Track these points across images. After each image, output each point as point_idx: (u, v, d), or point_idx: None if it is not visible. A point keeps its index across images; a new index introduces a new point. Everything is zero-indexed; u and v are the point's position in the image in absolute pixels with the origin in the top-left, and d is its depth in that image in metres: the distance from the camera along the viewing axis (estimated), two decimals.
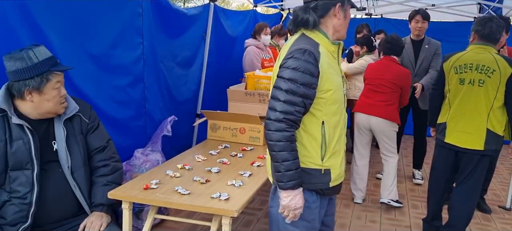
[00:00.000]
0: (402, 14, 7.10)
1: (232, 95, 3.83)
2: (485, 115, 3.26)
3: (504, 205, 4.60)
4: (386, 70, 4.28)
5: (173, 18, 4.32)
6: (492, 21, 3.27)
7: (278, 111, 1.90)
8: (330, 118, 2.00)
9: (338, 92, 2.01)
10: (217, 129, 3.60)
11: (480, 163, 3.35)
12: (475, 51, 3.32)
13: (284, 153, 1.90)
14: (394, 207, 4.37)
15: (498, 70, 3.19)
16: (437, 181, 3.67)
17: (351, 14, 2.19)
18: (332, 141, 2.02)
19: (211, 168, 2.89)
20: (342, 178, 2.16)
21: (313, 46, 1.94)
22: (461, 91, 3.33)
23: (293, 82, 1.88)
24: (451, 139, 3.41)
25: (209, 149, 3.38)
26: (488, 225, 4.16)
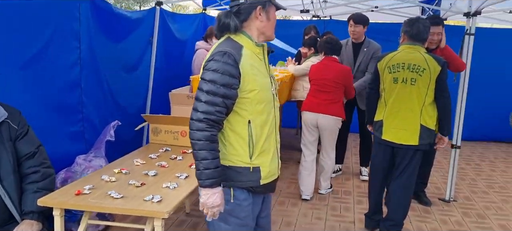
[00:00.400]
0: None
1: (174, 99, 3.83)
2: (418, 112, 3.42)
3: (444, 197, 4.81)
4: (329, 70, 4.48)
5: (115, 22, 4.27)
6: (419, 22, 3.43)
7: (199, 111, 1.95)
8: (256, 117, 2.05)
9: (263, 92, 2.06)
10: (158, 133, 3.59)
11: (414, 158, 3.51)
12: (406, 51, 3.48)
13: (203, 152, 1.95)
14: (340, 204, 4.51)
15: (428, 68, 3.35)
16: (376, 176, 3.81)
17: (298, 16, 2.29)
18: (259, 140, 2.07)
19: (149, 171, 2.89)
20: (274, 176, 2.20)
21: (235, 49, 2.01)
22: (395, 90, 3.48)
23: (213, 83, 1.94)
24: (387, 135, 3.55)
25: (150, 152, 3.38)
26: (427, 217, 4.33)
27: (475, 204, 4.71)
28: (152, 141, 3.66)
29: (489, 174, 5.86)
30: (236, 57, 1.97)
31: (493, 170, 6.05)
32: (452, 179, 4.75)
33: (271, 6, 2.09)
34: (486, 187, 5.31)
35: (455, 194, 4.90)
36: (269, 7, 2.08)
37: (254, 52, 2.07)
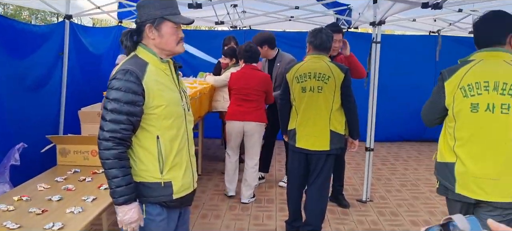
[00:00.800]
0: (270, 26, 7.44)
1: (84, 117, 3.67)
2: (327, 118, 3.55)
3: (361, 198, 5.02)
4: (251, 78, 4.64)
5: (18, 37, 4.02)
6: (322, 32, 3.59)
7: (105, 131, 1.98)
8: (165, 132, 2.07)
9: (171, 107, 2.09)
10: (67, 154, 3.41)
11: (327, 162, 3.65)
12: (312, 60, 3.61)
13: (114, 170, 1.98)
14: (263, 212, 4.56)
15: (332, 76, 3.51)
16: (292, 183, 3.89)
17: (222, 27, 2.31)
18: (170, 154, 2.09)
19: (53, 196, 2.72)
20: (188, 190, 2.21)
21: (139, 66, 2.03)
22: (304, 98, 3.60)
23: (117, 102, 1.96)
24: (301, 143, 3.66)
25: (57, 175, 3.18)
26: (345, 218, 4.50)
27: (390, 203, 4.97)
28: (60, 163, 3.46)
29: (402, 172, 6.21)
30: (138, 74, 1.99)
31: (406, 168, 6.43)
32: (367, 181, 4.97)
33: (163, 21, 2.07)
34: (399, 185, 5.63)
35: (372, 194, 5.14)
36: (160, 24, 2.07)
37: (159, 68, 2.10)
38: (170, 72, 2.15)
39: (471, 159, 2.37)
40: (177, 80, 2.20)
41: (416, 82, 7.70)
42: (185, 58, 7.49)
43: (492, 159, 2.32)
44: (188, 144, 2.21)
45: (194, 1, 3.66)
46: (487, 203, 2.35)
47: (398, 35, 8.85)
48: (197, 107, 4.95)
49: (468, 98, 2.36)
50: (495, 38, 2.38)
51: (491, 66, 2.36)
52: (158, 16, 2.05)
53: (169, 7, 2.08)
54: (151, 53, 2.09)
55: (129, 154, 2.07)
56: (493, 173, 2.32)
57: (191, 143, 2.25)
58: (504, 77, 2.29)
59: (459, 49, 7.49)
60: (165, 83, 2.09)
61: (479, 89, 2.33)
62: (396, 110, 7.70)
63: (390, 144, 7.95)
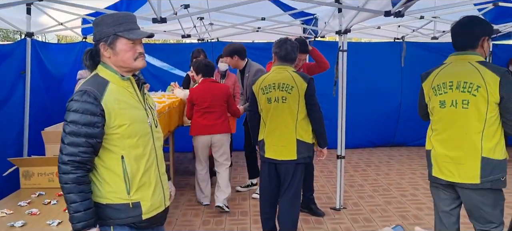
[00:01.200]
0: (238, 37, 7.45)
1: (48, 137, 3.55)
2: (293, 128, 3.56)
3: (335, 206, 5.04)
4: (211, 91, 4.77)
5: None
6: (287, 43, 3.62)
7: (64, 154, 1.92)
8: (130, 151, 2.01)
9: (136, 125, 2.03)
10: (30, 176, 3.28)
11: (296, 172, 3.65)
12: (276, 71, 3.63)
13: (72, 195, 1.92)
14: (237, 225, 4.52)
15: (296, 86, 3.52)
16: (264, 193, 3.88)
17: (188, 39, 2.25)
18: (136, 174, 2.04)
19: (15, 222, 2.60)
20: (158, 209, 2.15)
21: (99, 85, 1.98)
22: (270, 109, 3.62)
23: (74, 124, 1.91)
24: (269, 153, 3.67)
25: (21, 199, 3.05)
26: (320, 227, 4.50)
27: (363, 209, 5.01)
28: (24, 186, 3.32)
29: (374, 178, 6.29)
30: (96, 94, 1.94)
31: (378, 173, 6.51)
32: (340, 188, 4.99)
33: (117, 39, 2.02)
34: (372, 191, 5.69)
35: (345, 201, 5.17)
36: (114, 41, 2.02)
37: (121, 85, 2.05)
38: (133, 89, 2.09)
39: (441, 147, 2.78)
40: (142, 97, 2.14)
41: (384, 88, 7.85)
42: (153, 72, 7.41)
43: (458, 147, 2.70)
44: (157, 161, 2.15)
45: (159, 16, 3.60)
46: (457, 184, 2.73)
47: (364, 43, 9.02)
48: (166, 122, 4.88)
49: (437, 97, 2.80)
50: (468, 42, 2.71)
51: (457, 68, 2.72)
52: (111, 33, 2.01)
53: (123, 23, 2.03)
54: (112, 71, 2.04)
55: (94, 175, 2.01)
56: (458, 158, 2.69)
57: (160, 160, 2.18)
58: (465, 77, 2.64)
59: (423, 55, 7.77)
60: (127, 101, 2.03)
61: (445, 88, 2.74)
62: (366, 116, 7.82)
63: (362, 150, 8.04)
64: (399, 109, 7.97)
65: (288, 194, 3.68)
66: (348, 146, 7.66)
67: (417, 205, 5.10)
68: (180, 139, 6.62)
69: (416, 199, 5.33)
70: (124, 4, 5.40)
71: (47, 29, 5.40)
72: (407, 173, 6.51)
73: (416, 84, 7.85)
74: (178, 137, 6.31)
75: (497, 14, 5.80)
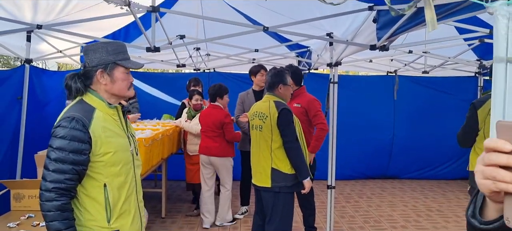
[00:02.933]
0: (234, 68, 7.61)
1: (40, 161, 3.61)
2: (268, 156, 3.62)
3: None
4: (210, 117, 5.02)
5: None
6: (271, 71, 3.77)
7: (48, 181, 1.89)
8: (112, 179, 2.02)
9: (120, 153, 2.04)
10: (21, 199, 3.33)
11: (277, 200, 3.63)
12: (263, 100, 3.78)
13: (56, 223, 1.89)
14: None
15: (269, 116, 3.57)
16: (254, 216, 3.99)
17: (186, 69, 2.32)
18: (118, 202, 2.04)
19: None
20: None
21: (86, 112, 1.98)
22: (252, 136, 3.79)
23: (61, 151, 1.89)
24: (253, 179, 3.79)
25: (10, 221, 3.10)
26: None
27: None
28: (14, 208, 3.37)
29: (366, 209, 6.30)
30: (85, 121, 1.93)
31: (370, 205, 6.53)
32: (330, 218, 5.01)
33: (116, 67, 2.06)
34: (363, 222, 5.70)
35: None
36: (113, 69, 2.05)
37: (107, 113, 2.05)
38: (118, 117, 2.11)
39: None
40: (126, 125, 2.16)
41: (377, 120, 7.95)
42: (149, 100, 7.52)
43: None
44: (136, 190, 2.17)
45: (152, 45, 3.73)
46: None
47: (358, 76, 9.19)
48: (159, 149, 4.95)
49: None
50: None
51: None
52: (111, 61, 2.03)
53: (120, 52, 2.08)
54: (99, 99, 2.04)
55: (74, 203, 1.98)
56: None
57: (139, 189, 2.20)
58: None
59: (415, 88, 7.91)
60: (112, 129, 2.05)
61: None
62: (360, 148, 7.88)
63: (355, 181, 8.07)
64: (392, 142, 8.05)
65: (271, 226, 3.70)
66: (341, 177, 7.78)
67: None
68: (174, 167, 6.67)
69: None
70: (122, 34, 5.54)
71: (46, 56, 5.53)
72: (399, 205, 6.54)
73: (408, 117, 8.04)
74: (171, 165, 6.36)
75: (485, 50, 5.96)
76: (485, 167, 0.76)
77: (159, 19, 4.26)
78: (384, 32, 3.25)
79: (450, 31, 4.94)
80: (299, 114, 4.34)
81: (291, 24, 4.04)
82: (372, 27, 3.52)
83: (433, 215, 6.03)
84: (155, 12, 3.72)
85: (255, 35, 5.44)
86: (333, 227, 5.07)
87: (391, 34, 3.14)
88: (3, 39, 4.47)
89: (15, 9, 4.03)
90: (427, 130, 7.92)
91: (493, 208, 0.82)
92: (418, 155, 8.03)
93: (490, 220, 0.83)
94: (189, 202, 6.40)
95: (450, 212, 6.22)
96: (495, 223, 0.81)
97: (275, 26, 4.07)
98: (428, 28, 2.01)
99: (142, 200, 2.26)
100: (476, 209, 0.87)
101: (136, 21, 3.72)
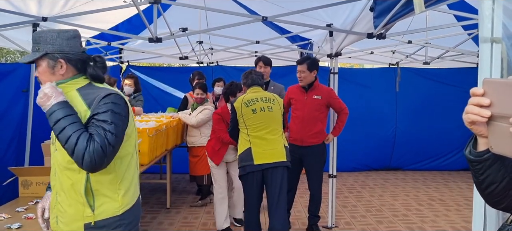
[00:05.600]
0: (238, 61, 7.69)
1: (47, 149, 3.72)
2: (280, 133, 3.90)
3: (327, 224, 5.14)
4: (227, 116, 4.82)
5: None
6: (252, 73, 4.10)
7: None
8: None
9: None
10: (29, 186, 3.44)
11: (284, 175, 3.87)
12: (252, 91, 4.02)
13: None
14: None
15: (276, 99, 3.97)
16: (252, 205, 3.97)
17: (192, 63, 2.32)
18: None
19: (12, 225, 2.75)
20: None
21: None
22: (256, 118, 3.84)
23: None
24: (259, 159, 3.81)
25: (19, 206, 3.21)
26: None
27: (354, 228, 5.10)
28: (22, 195, 3.49)
29: (368, 199, 6.37)
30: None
31: (372, 195, 6.60)
32: (332, 207, 5.10)
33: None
34: (364, 211, 5.78)
35: (337, 220, 5.26)
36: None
37: None
38: None
39: None
40: None
41: (380, 112, 8.02)
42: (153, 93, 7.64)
43: None
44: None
45: (154, 36, 3.82)
46: None
47: (361, 69, 9.26)
48: (163, 140, 5.05)
49: None
50: None
51: None
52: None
53: None
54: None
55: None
56: None
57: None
58: None
59: (417, 80, 7.96)
60: None
61: None
62: (363, 140, 7.95)
63: (358, 173, 8.14)
64: (394, 134, 8.11)
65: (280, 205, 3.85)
66: (344, 169, 7.87)
67: (408, 225, 5.19)
68: (179, 160, 6.78)
69: (408, 219, 5.42)
70: (125, 26, 5.64)
71: None
72: (400, 195, 6.60)
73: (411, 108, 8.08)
74: (176, 158, 6.46)
75: None
76: (467, 106, 1.06)
77: (162, 12, 4.36)
78: (381, 20, 3.32)
79: (449, 19, 5.01)
80: (319, 106, 4.54)
81: (290, 13, 4.11)
82: (369, 16, 3.59)
83: (435, 204, 6.08)
84: (157, 4, 3.81)
85: (256, 28, 5.53)
86: (335, 216, 5.16)
87: (387, 22, 3.20)
88: (9, 34, 4.59)
89: (21, 3, 4.13)
90: (429, 121, 7.98)
91: (482, 143, 1.11)
92: (420, 146, 8.09)
93: (481, 151, 1.11)
94: (194, 193, 6.50)
95: (451, 201, 6.27)
96: (485, 154, 1.11)
97: (274, 16, 4.15)
98: (416, 9, 2.08)
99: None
100: (471, 148, 1.15)
101: (139, 14, 3.82)
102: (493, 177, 1.14)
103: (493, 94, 1.01)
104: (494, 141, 1.03)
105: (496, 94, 1.01)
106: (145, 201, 6.12)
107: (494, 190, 1.16)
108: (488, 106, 1.01)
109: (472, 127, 1.07)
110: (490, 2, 1.87)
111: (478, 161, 1.13)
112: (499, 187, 1.15)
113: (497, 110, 1.00)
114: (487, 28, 1.89)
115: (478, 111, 1.02)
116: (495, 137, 1.02)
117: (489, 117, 1.02)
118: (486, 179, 1.14)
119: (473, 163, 1.14)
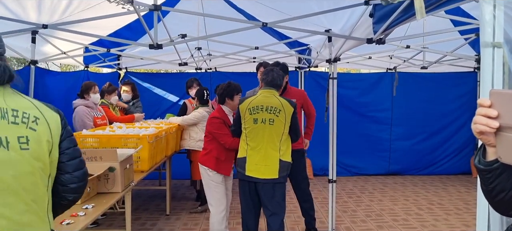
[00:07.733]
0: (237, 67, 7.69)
1: None
2: (277, 148, 3.78)
3: (327, 229, 5.13)
4: None
5: None
6: (273, 71, 3.91)
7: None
8: None
9: None
10: None
11: (276, 189, 3.81)
12: (263, 95, 3.87)
13: None
14: None
15: (283, 110, 3.77)
16: (247, 211, 3.99)
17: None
18: None
19: None
20: None
21: None
22: (256, 129, 3.81)
23: None
24: (250, 172, 3.81)
25: None
26: None
27: None
28: None
29: (367, 204, 6.38)
30: None
31: (372, 200, 6.60)
32: (332, 211, 5.09)
33: None
34: (364, 216, 5.78)
35: (337, 226, 5.26)
36: None
37: None
38: None
39: None
40: None
41: (377, 117, 8.05)
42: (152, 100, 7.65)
43: None
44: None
45: (155, 42, 3.83)
46: None
47: (358, 73, 9.30)
48: (163, 146, 5.04)
49: None
50: None
51: None
52: None
53: None
54: None
55: None
56: None
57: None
58: None
59: (414, 85, 8.00)
60: None
61: None
62: (362, 145, 7.98)
63: (357, 178, 8.15)
64: (392, 138, 8.14)
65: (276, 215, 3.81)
66: (344, 174, 7.88)
67: (408, 229, 5.19)
68: (178, 166, 6.77)
69: (408, 223, 5.43)
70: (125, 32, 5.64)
71: (51, 57, 5.65)
72: (400, 199, 6.61)
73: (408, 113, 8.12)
74: (175, 165, 6.45)
75: None
76: (475, 117, 1.09)
77: (162, 18, 4.37)
78: (380, 26, 3.33)
79: (446, 24, 5.05)
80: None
81: (289, 19, 4.13)
82: (369, 21, 3.61)
83: (434, 208, 6.10)
84: (157, 10, 3.82)
85: (255, 34, 5.55)
86: (335, 221, 5.15)
87: (386, 27, 3.22)
88: (8, 41, 4.58)
89: (20, 10, 4.14)
90: (427, 126, 8.01)
91: (491, 152, 1.13)
92: (418, 151, 8.12)
93: (490, 161, 1.13)
94: (193, 199, 6.49)
95: (451, 205, 6.29)
96: (495, 164, 1.12)
97: (273, 22, 4.16)
98: (417, 16, 2.10)
99: None
100: (480, 157, 1.17)
101: (139, 19, 3.82)
102: (502, 186, 1.15)
103: (500, 106, 1.04)
104: (502, 151, 1.05)
105: (503, 105, 1.03)
106: (145, 207, 6.11)
107: (503, 198, 1.17)
108: (496, 118, 1.04)
109: (481, 137, 1.10)
110: (491, 8, 1.89)
111: (488, 170, 1.14)
112: (509, 195, 1.16)
113: (505, 122, 1.03)
114: (488, 33, 1.90)
115: (486, 122, 1.05)
116: (504, 147, 1.05)
117: (497, 128, 1.04)
118: (495, 187, 1.16)
119: (483, 172, 1.16)
